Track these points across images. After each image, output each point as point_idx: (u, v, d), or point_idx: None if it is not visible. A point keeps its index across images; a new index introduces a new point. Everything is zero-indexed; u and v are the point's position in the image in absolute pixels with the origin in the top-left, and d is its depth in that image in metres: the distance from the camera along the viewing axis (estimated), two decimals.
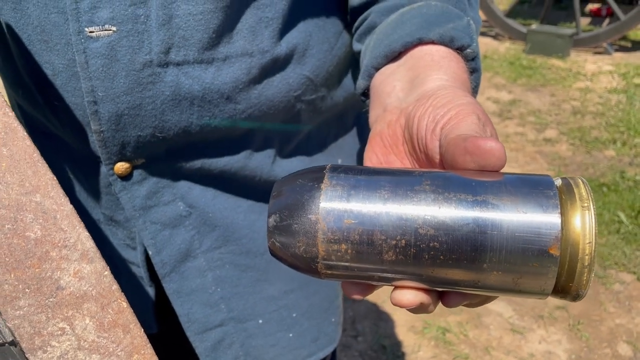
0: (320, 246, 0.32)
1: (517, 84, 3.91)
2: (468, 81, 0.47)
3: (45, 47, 0.55)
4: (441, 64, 0.46)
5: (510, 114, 3.45)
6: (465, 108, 0.39)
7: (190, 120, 0.58)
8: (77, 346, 0.37)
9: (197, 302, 0.71)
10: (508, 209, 0.29)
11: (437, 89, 0.43)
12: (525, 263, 0.29)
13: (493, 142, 0.33)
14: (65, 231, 0.38)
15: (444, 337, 1.82)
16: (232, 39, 0.56)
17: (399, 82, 0.48)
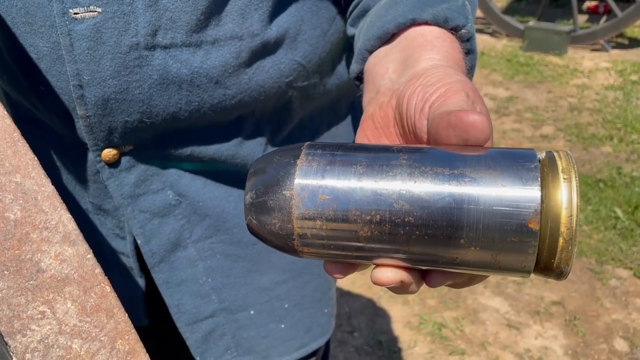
0: (295, 223, 0.31)
1: (515, 80, 3.91)
2: (462, 61, 0.46)
3: (29, 30, 0.53)
4: (434, 44, 0.45)
5: (507, 111, 3.44)
6: (455, 86, 0.38)
7: (178, 106, 0.57)
8: (58, 330, 0.36)
9: (188, 292, 0.70)
10: (486, 182, 0.28)
11: (428, 69, 0.42)
12: (504, 238, 0.27)
13: (476, 115, 0.32)
14: (46, 212, 0.37)
15: (440, 332, 1.81)
16: (221, 22, 0.55)
17: (391, 63, 0.47)
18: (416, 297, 1.96)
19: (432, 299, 1.95)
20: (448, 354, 1.73)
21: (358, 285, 2.01)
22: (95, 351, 0.37)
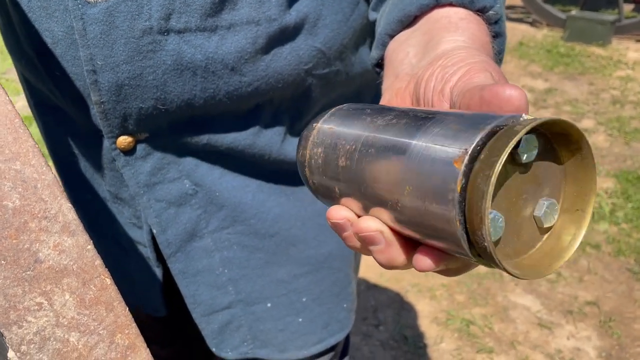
0: (308, 150, 0.38)
1: (554, 72, 3.78)
2: (490, 44, 0.43)
3: (44, 14, 0.53)
4: (459, 26, 0.42)
5: (545, 103, 3.33)
6: (477, 65, 0.35)
7: (193, 92, 0.56)
8: (55, 322, 0.35)
9: (204, 283, 0.69)
10: (438, 127, 0.29)
11: (449, 50, 0.39)
12: (431, 175, 0.28)
13: (513, 89, 0.29)
14: (45, 201, 0.36)
15: (467, 329, 1.77)
16: (237, 6, 0.53)
17: (412, 47, 0.44)
18: (444, 293, 1.92)
19: (461, 295, 1.91)
20: (475, 352, 1.69)
21: (385, 279, 1.98)
22: (93, 345, 0.36)
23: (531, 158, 0.28)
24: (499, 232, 0.28)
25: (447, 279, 1.97)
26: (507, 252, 0.30)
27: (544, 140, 0.29)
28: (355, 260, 0.77)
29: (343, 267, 0.73)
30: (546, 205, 0.30)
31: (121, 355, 0.37)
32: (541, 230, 0.31)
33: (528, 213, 0.30)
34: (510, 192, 0.29)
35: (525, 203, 0.30)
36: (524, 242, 0.30)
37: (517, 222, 0.30)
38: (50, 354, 0.35)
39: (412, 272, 2.01)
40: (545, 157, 0.30)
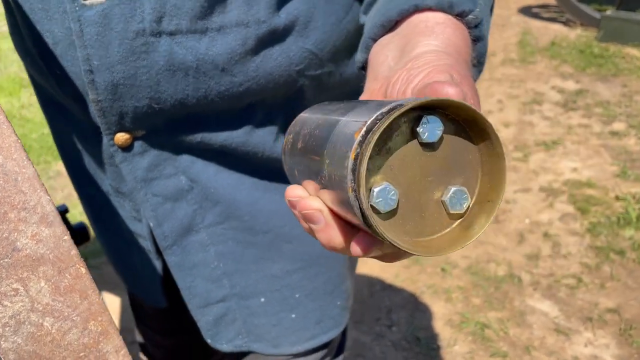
0: (286, 137, 0.42)
1: (586, 73, 3.69)
2: (465, 48, 0.44)
3: (45, 16, 0.55)
4: (434, 30, 0.43)
5: (575, 105, 3.26)
6: (440, 67, 0.36)
7: (186, 92, 0.58)
8: (31, 308, 0.37)
9: (199, 276, 0.71)
10: (361, 109, 0.32)
11: (421, 54, 0.40)
12: (340, 145, 0.31)
13: (450, 86, 0.30)
14: (25, 193, 0.38)
15: (482, 332, 1.75)
16: (227, 9, 0.54)
17: (391, 51, 0.45)
18: (460, 295, 1.91)
19: (477, 298, 1.90)
20: (489, 356, 1.68)
21: (401, 280, 1.98)
22: (66, 330, 0.38)
23: (434, 138, 0.30)
24: (391, 204, 0.29)
25: (464, 282, 1.96)
26: (407, 229, 0.31)
27: (456, 127, 0.31)
28: (350, 259, 0.78)
29: (336, 266, 0.74)
30: (452, 191, 0.31)
31: (94, 341, 0.39)
32: (452, 216, 0.32)
33: (437, 196, 0.31)
34: (412, 170, 0.30)
35: (433, 186, 0.31)
36: (430, 224, 0.31)
37: (422, 202, 0.31)
38: (24, 337, 0.37)
39: (428, 273, 2.01)
40: (460, 145, 0.31)
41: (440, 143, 0.30)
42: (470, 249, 2.11)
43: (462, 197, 0.31)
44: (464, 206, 0.31)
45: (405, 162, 0.30)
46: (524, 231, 2.19)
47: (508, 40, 4.25)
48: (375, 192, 0.29)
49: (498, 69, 3.75)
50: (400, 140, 0.30)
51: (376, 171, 0.30)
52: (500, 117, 3.09)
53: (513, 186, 2.46)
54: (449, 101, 0.29)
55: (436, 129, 0.30)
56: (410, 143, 0.30)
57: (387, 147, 0.30)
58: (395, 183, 0.30)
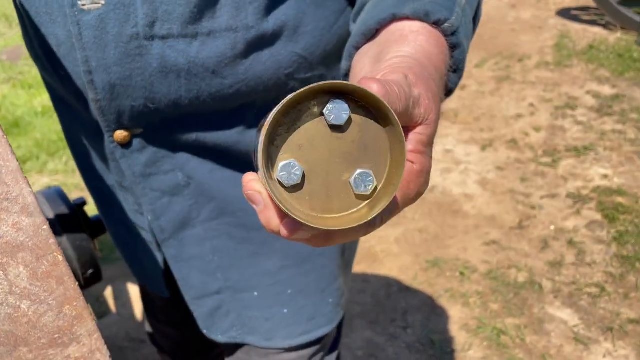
0: None
1: (624, 78, 3.59)
2: (439, 54, 0.45)
3: (49, 20, 0.59)
4: (408, 38, 0.45)
5: (610, 110, 3.18)
6: (398, 69, 0.38)
7: (179, 93, 0.61)
8: (9, 291, 0.40)
9: (195, 268, 0.74)
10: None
11: (389, 59, 0.42)
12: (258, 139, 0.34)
13: (373, 82, 0.32)
14: (8, 185, 0.41)
15: (498, 339, 1.74)
16: (216, 14, 0.57)
17: (369, 58, 0.47)
18: (478, 300, 1.89)
19: (495, 304, 1.88)
20: None
21: (419, 282, 1.98)
22: (42, 313, 0.41)
23: (340, 121, 0.32)
24: (294, 178, 0.32)
25: (482, 287, 1.94)
26: (313, 205, 0.33)
27: (367, 113, 0.33)
28: (344, 258, 0.79)
29: (328, 264, 0.76)
30: (358, 173, 0.33)
31: (68, 324, 0.42)
32: (359, 197, 0.34)
33: (345, 178, 0.34)
34: (321, 150, 0.33)
35: (342, 167, 0.33)
36: (337, 203, 0.34)
37: (330, 181, 0.33)
38: (1, 317, 0.40)
39: (447, 277, 2.00)
40: (371, 131, 0.33)
41: (349, 127, 0.33)
42: (491, 254, 2.09)
43: (367, 180, 0.33)
44: (368, 188, 0.33)
45: (314, 142, 0.33)
46: (548, 238, 2.16)
47: (544, 42, 4.16)
48: (280, 166, 0.32)
49: (532, 72, 3.68)
50: (310, 121, 0.32)
51: (285, 149, 0.33)
52: (531, 121, 3.04)
53: (539, 192, 2.42)
54: (349, 86, 0.31)
55: (342, 113, 0.32)
56: (319, 125, 0.33)
57: (296, 127, 0.32)
58: (302, 161, 0.33)
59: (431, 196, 2.41)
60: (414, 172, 0.37)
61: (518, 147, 2.77)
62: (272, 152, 0.33)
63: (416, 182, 0.37)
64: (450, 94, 0.50)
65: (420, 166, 0.37)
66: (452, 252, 2.11)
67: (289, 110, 0.32)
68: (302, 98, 0.32)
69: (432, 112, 0.37)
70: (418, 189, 0.37)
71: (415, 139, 0.37)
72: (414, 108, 0.36)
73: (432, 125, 0.37)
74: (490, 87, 3.47)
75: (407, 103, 0.35)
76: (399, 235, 2.20)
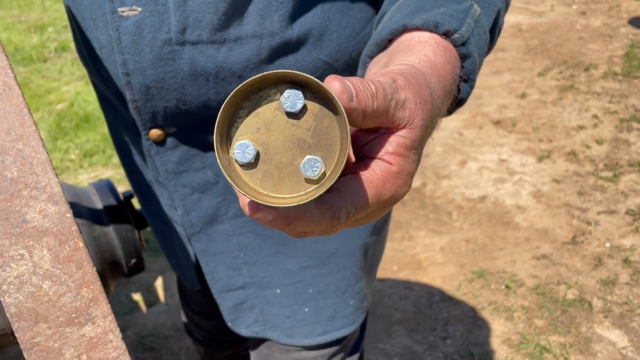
0: None
1: None
2: (445, 64, 0.46)
3: (93, 25, 0.64)
4: (415, 48, 0.46)
5: None
6: (388, 72, 0.39)
7: (208, 96, 0.64)
8: (33, 271, 0.45)
9: (222, 263, 0.77)
10: None
11: (392, 67, 0.43)
12: None
13: (337, 81, 0.34)
14: (38, 175, 0.45)
15: (540, 356, 1.69)
16: (243, 22, 0.60)
17: (377, 67, 0.48)
18: (522, 315, 1.84)
19: (541, 320, 1.82)
20: None
21: (462, 293, 1.94)
22: (62, 293, 0.45)
23: (294, 109, 0.34)
24: (248, 157, 0.35)
25: (528, 301, 1.89)
26: (265, 185, 0.36)
27: (321, 102, 0.35)
28: (366, 261, 0.80)
29: (349, 266, 0.77)
30: (307, 159, 0.35)
31: (85, 305, 0.46)
32: (308, 181, 0.36)
33: (297, 162, 0.36)
34: (277, 134, 0.35)
35: (295, 152, 0.36)
36: (288, 185, 0.36)
37: (283, 164, 0.36)
38: (25, 295, 0.44)
39: (491, 290, 1.96)
40: (326, 121, 0.35)
41: (304, 115, 0.35)
42: (541, 268, 2.03)
43: (315, 165, 0.35)
44: (316, 173, 0.35)
45: (271, 127, 0.35)
46: (602, 255, 2.07)
47: (613, 52, 3.98)
48: (236, 145, 0.35)
49: (598, 82, 3.53)
50: (268, 107, 0.35)
51: (244, 130, 0.35)
52: (593, 133, 2.92)
53: (597, 207, 2.32)
54: (301, 75, 0.33)
55: (297, 101, 0.34)
56: (276, 111, 0.35)
57: (256, 112, 0.35)
58: (258, 142, 0.35)
59: (481, 206, 2.36)
60: (390, 173, 0.38)
61: (577, 160, 2.67)
62: (232, 132, 0.36)
63: (393, 182, 0.38)
64: (462, 103, 0.50)
65: (399, 168, 0.38)
66: (499, 264, 2.06)
67: (251, 95, 0.35)
68: (261, 84, 0.34)
69: (418, 117, 0.38)
70: (395, 189, 0.38)
71: (396, 141, 0.38)
72: (397, 110, 0.37)
73: (417, 130, 0.38)
74: (553, 96, 3.36)
75: (386, 103, 0.36)
76: (445, 244, 2.17)
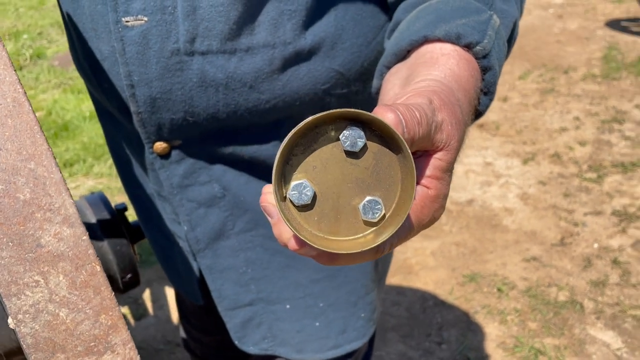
0: None
1: None
2: (468, 77, 0.45)
3: (94, 35, 0.61)
4: (439, 61, 0.45)
5: None
6: (423, 92, 0.38)
7: (217, 107, 0.62)
8: (49, 299, 0.42)
9: (229, 279, 0.75)
10: None
11: (418, 82, 0.42)
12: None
13: (391, 112, 0.32)
14: (51, 196, 0.43)
15: (536, 359, 1.69)
16: (254, 31, 0.58)
17: (398, 79, 0.47)
18: (516, 318, 1.84)
19: (534, 322, 1.83)
20: None
21: (455, 297, 1.94)
22: (79, 321, 0.43)
23: (355, 148, 0.32)
24: (305, 198, 0.33)
25: (521, 304, 1.89)
26: (321, 226, 0.34)
27: (383, 143, 0.33)
28: (377, 271, 0.79)
29: (360, 278, 0.75)
30: (367, 200, 0.33)
31: (104, 333, 0.44)
32: (366, 223, 0.34)
33: (355, 203, 0.34)
34: (334, 174, 0.33)
35: (353, 192, 0.34)
36: (345, 226, 0.34)
37: (340, 205, 0.34)
38: (41, 324, 0.42)
39: (484, 293, 1.96)
40: (385, 160, 0.33)
41: (364, 154, 0.33)
42: (531, 270, 2.04)
43: (375, 207, 0.33)
44: (376, 216, 0.33)
45: (328, 165, 0.33)
46: (591, 256, 2.09)
47: (592, 54, 4.05)
48: (292, 185, 0.33)
49: (578, 85, 3.58)
50: (325, 145, 0.33)
51: (299, 169, 0.33)
52: (575, 135, 2.95)
53: (583, 208, 2.34)
54: (365, 115, 0.32)
55: (358, 140, 0.32)
56: (334, 149, 0.33)
57: (312, 149, 0.33)
58: (314, 182, 0.33)
59: (469, 209, 2.37)
60: (428, 197, 0.36)
61: (561, 162, 2.70)
62: (286, 171, 0.33)
63: (430, 207, 0.37)
64: (480, 116, 0.49)
65: (436, 192, 0.37)
66: (490, 268, 2.06)
67: (307, 132, 0.33)
68: (320, 122, 0.32)
69: (454, 138, 0.37)
70: (432, 214, 0.37)
71: (433, 164, 0.37)
72: (436, 133, 0.36)
73: (453, 151, 0.37)
74: (534, 99, 3.40)
75: (428, 128, 0.35)
76: (435, 248, 2.17)
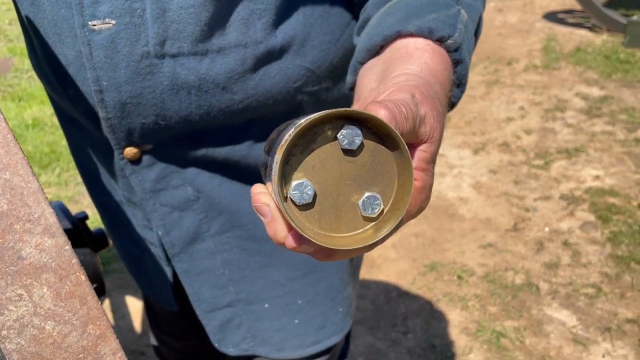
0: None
1: (612, 79, 3.64)
2: (442, 70, 0.46)
3: (58, 40, 0.59)
4: (414, 56, 0.46)
5: (599, 112, 3.22)
6: (404, 87, 0.39)
7: (189, 109, 0.61)
8: (33, 312, 0.41)
9: (206, 282, 0.74)
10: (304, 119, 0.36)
11: (395, 76, 0.43)
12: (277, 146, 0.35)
13: (383, 109, 0.33)
14: (30, 206, 0.41)
15: (498, 341, 1.75)
16: (225, 31, 0.57)
17: (374, 75, 0.48)
18: (477, 304, 1.90)
19: (494, 307, 1.89)
20: None
21: (417, 287, 1.98)
22: (67, 333, 0.42)
23: (352, 146, 0.33)
24: (306, 197, 0.33)
25: (480, 290, 1.96)
26: (322, 224, 0.35)
27: (378, 140, 0.34)
28: (352, 265, 0.80)
29: (337, 272, 0.76)
30: (366, 196, 0.34)
31: (92, 344, 0.43)
32: (366, 219, 0.35)
33: (354, 199, 0.35)
34: (333, 172, 0.34)
35: (352, 189, 0.35)
36: (345, 223, 0.35)
37: (339, 202, 0.35)
38: (27, 339, 0.40)
39: (445, 281, 2.01)
40: (382, 156, 0.34)
41: (361, 151, 0.34)
42: (488, 256, 2.11)
43: (374, 203, 0.34)
44: (375, 211, 0.34)
45: (327, 164, 0.34)
46: (543, 239, 2.18)
47: (532, 46, 4.21)
48: (293, 185, 0.34)
49: (521, 76, 3.72)
50: (324, 144, 0.34)
51: (299, 168, 0.34)
52: (522, 124, 3.07)
53: (533, 194, 2.44)
54: (362, 113, 0.32)
55: (355, 138, 0.33)
56: (332, 148, 0.34)
57: (310, 149, 0.34)
58: (314, 181, 0.34)
59: None
60: (416, 189, 0.38)
61: (510, 150, 2.80)
62: (286, 171, 0.34)
63: (417, 198, 0.38)
64: (453, 107, 0.51)
65: (422, 183, 0.38)
66: (449, 256, 2.12)
67: (305, 132, 0.33)
68: (317, 122, 0.33)
69: (436, 130, 0.38)
70: (420, 204, 0.39)
71: (418, 157, 0.38)
72: (420, 126, 0.37)
73: (436, 143, 0.39)
74: (480, 91, 3.50)
75: (414, 122, 0.36)
76: (396, 240, 2.21)
